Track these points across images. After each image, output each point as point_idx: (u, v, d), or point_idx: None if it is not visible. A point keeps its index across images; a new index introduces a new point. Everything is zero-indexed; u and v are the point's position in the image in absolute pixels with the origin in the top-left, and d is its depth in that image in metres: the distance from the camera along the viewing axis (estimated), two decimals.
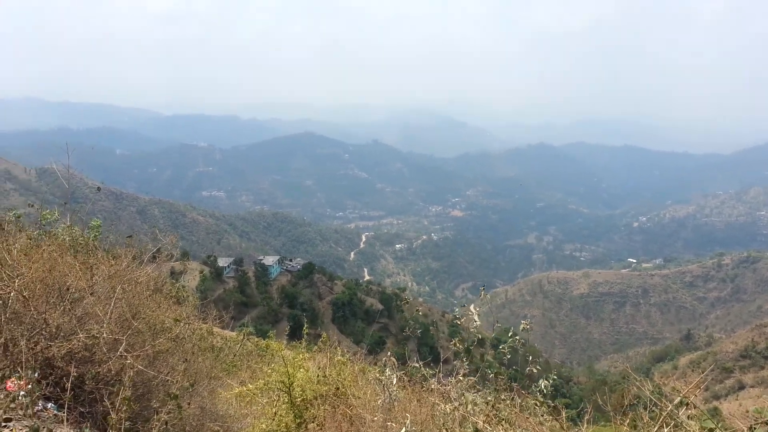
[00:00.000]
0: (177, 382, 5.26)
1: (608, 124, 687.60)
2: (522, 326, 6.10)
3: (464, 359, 6.00)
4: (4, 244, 6.25)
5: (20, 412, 4.14)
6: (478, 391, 5.99)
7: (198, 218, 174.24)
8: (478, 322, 6.86)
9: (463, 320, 7.62)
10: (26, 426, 4.00)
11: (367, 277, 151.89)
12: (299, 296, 69.01)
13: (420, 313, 72.68)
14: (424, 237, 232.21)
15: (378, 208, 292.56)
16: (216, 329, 13.15)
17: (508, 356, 6.21)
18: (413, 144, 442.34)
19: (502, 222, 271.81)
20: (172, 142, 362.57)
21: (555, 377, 6.10)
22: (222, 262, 74.05)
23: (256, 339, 19.46)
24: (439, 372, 6.20)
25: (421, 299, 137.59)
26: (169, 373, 5.39)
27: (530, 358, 6.15)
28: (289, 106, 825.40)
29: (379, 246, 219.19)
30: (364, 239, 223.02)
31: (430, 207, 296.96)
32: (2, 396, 4.17)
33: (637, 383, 6.08)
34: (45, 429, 4.06)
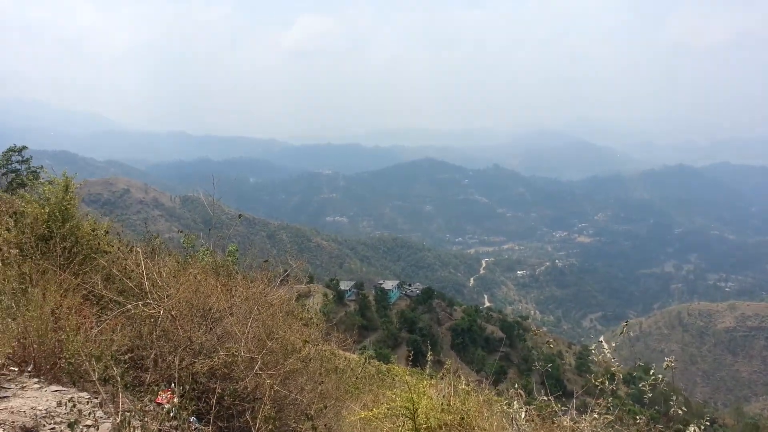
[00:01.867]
0: (312, 402, 5.42)
1: (755, 143, 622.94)
2: (666, 363, 5.57)
3: (600, 396, 5.58)
4: (156, 267, 6.87)
5: (167, 424, 4.46)
6: (615, 430, 5.54)
7: (322, 243, 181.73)
8: (611, 356, 6.39)
9: (597, 354, 7.13)
10: None
11: (487, 304, 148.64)
12: (418, 321, 69.06)
13: (548, 344, 69.53)
14: (548, 263, 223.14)
15: (498, 234, 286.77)
16: (339, 351, 13.48)
17: (649, 394, 5.70)
18: (537, 167, 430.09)
19: (635, 249, 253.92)
20: (300, 170, 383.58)
21: (707, 422, 5.48)
22: (344, 285, 76.31)
23: (377, 363, 19.67)
24: (571, 408, 5.83)
25: (545, 329, 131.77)
26: (299, 392, 5.57)
27: (674, 397, 5.59)
28: (410, 133, 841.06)
29: (500, 272, 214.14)
30: (483, 265, 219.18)
31: (554, 232, 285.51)
32: (153, 408, 4.53)
33: None
34: None
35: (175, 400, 4.60)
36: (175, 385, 4.67)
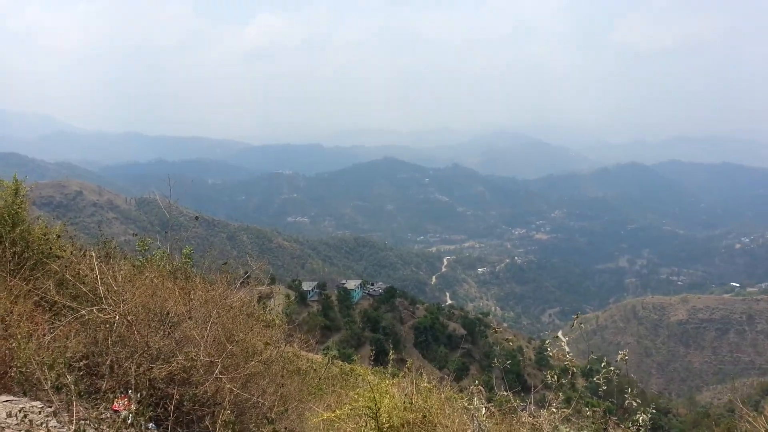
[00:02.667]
0: (272, 405, 5.38)
1: (703, 141, 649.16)
2: (620, 356, 5.76)
3: (557, 390, 5.73)
4: (111, 272, 6.71)
5: (124, 431, 4.36)
6: (572, 423, 5.70)
7: (283, 243, 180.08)
8: (569, 351, 6.57)
9: (552, 349, 7.31)
10: None
11: (449, 302, 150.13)
12: (381, 320, 69.21)
13: (507, 341, 70.71)
14: (508, 260, 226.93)
15: (459, 232, 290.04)
16: (301, 352, 13.41)
17: (604, 387, 5.88)
18: (495, 167, 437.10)
19: (591, 245, 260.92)
20: (260, 171, 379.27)
21: (654, 410, 5.70)
22: (306, 286, 75.83)
23: (341, 363, 19.63)
24: (530, 403, 5.97)
25: (505, 324, 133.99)
26: (260, 395, 5.53)
27: (628, 389, 5.79)
28: (370, 134, 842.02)
29: (461, 270, 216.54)
30: (445, 263, 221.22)
31: (513, 230, 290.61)
32: (110, 415, 4.43)
33: (750, 418, 5.57)
34: None
35: (132, 406, 4.51)
36: (131, 392, 4.57)
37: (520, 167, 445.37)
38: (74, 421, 3.63)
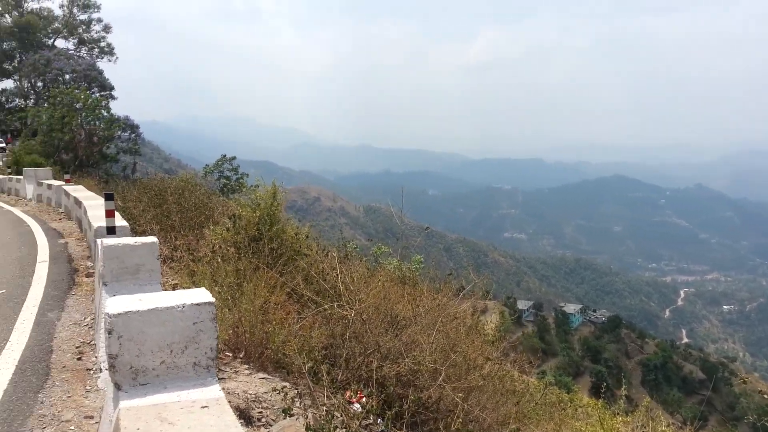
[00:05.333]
0: (495, 421, 5.27)
1: None
2: None
3: None
4: (348, 272, 7.26)
5: (356, 422, 4.64)
6: None
7: (499, 259, 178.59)
8: None
9: None
10: None
11: (685, 340, 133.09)
12: (604, 351, 64.22)
13: (761, 393, 60.02)
14: (762, 300, 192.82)
15: (700, 262, 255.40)
16: (516, 373, 13.02)
17: None
18: (748, 190, 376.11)
19: None
20: (478, 184, 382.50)
21: None
22: (521, 304, 74.04)
23: (557, 390, 18.59)
24: None
25: (756, 374, 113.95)
26: (481, 410, 5.44)
27: None
28: (594, 149, 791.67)
29: (701, 305, 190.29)
30: (682, 295, 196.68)
31: None
32: (335, 402, 4.74)
33: None
34: None
35: (364, 400, 4.78)
36: (364, 386, 4.85)
37: None
38: (322, 406, 3.94)
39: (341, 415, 3.89)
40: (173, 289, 6.80)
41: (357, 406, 4.65)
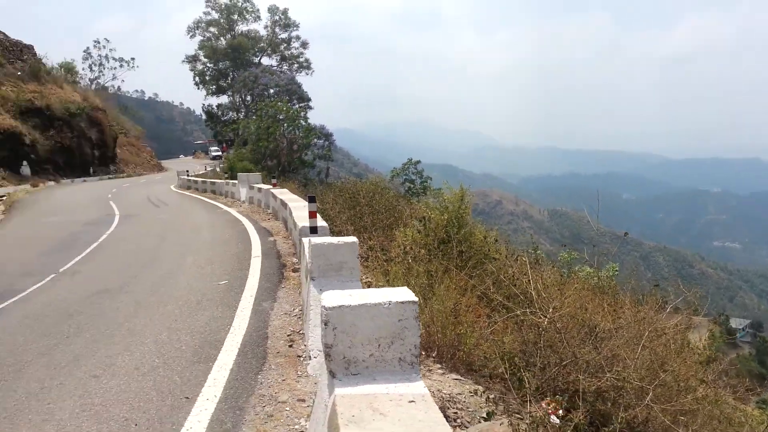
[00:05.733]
0: None
1: None
2: None
3: None
4: (539, 277, 7.00)
5: None
6: None
7: (707, 270, 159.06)
8: None
9: None
10: None
11: None
12: None
13: None
14: None
15: None
16: (731, 400, 11.42)
17: None
18: None
19: None
20: (680, 187, 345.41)
21: None
22: (735, 323, 65.15)
23: None
24: None
25: None
26: None
27: None
28: None
29: None
30: None
31: None
32: (539, 412, 4.56)
33: None
34: None
35: (560, 412, 4.54)
36: (560, 397, 4.62)
37: None
38: (527, 415, 3.84)
39: (543, 427, 3.74)
40: (368, 286, 7.19)
41: (554, 418, 4.44)
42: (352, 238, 5.20)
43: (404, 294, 3.01)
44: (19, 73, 46.67)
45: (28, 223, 20.08)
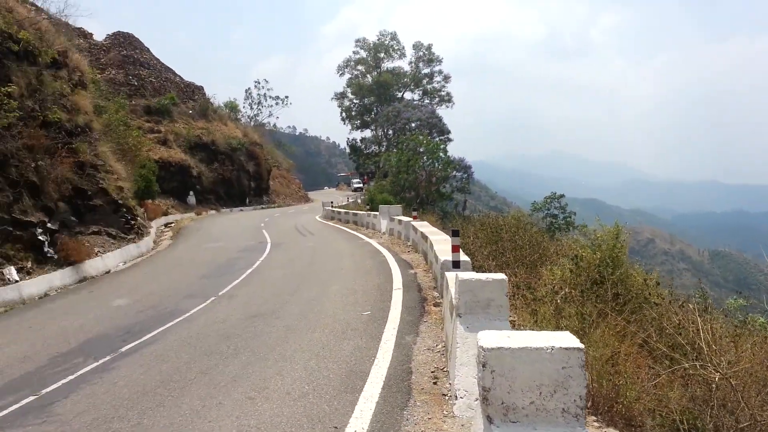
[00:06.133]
0: None
1: None
2: None
3: None
4: (709, 327, 6.28)
5: None
6: None
7: None
8: None
9: None
10: None
11: None
12: None
13: None
14: None
15: None
16: None
17: None
18: None
19: None
20: None
21: None
22: None
23: None
24: None
25: None
26: None
27: None
28: None
29: None
30: None
31: None
32: None
33: None
34: None
35: None
36: None
37: None
38: None
39: None
40: (513, 325, 6.92)
41: None
42: (501, 275, 5.06)
43: (568, 339, 2.84)
44: (190, 111, 52.73)
45: (192, 248, 22.30)
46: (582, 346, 2.78)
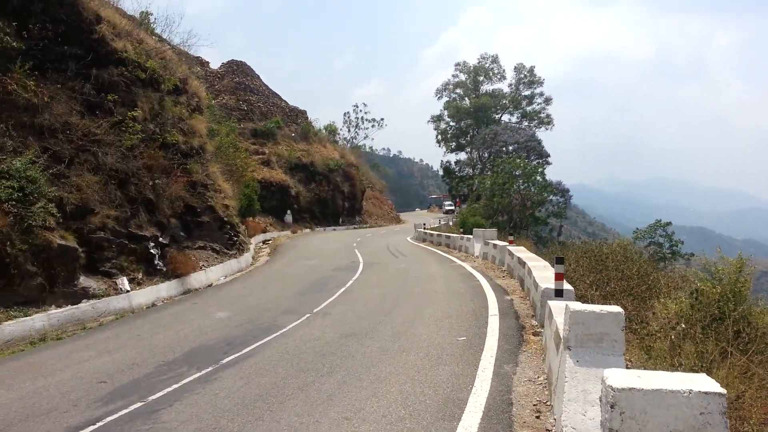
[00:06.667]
0: None
1: None
2: None
3: None
4: None
5: None
6: None
7: None
8: None
9: None
10: None
11: None
12: None
13: None
14: None
15: None
16: None
17: None
18: None
19: None
20: None
21: None
22: None
23: None
24: None
25: None
26: None
27: None
28: None
29: None
30: None
31: None
32: None
33: None
34: None
35: None
36: None
37: None
38: None
39: None
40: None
41: None
42: (617, 308, 4.72)
43: (706, 383, 2.55)
44: (293, 134, 55.07)
45: (288, 265, 23.00)
46: (724, 391, 2.50)
